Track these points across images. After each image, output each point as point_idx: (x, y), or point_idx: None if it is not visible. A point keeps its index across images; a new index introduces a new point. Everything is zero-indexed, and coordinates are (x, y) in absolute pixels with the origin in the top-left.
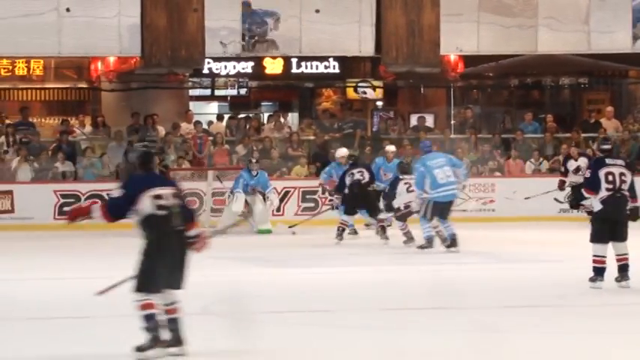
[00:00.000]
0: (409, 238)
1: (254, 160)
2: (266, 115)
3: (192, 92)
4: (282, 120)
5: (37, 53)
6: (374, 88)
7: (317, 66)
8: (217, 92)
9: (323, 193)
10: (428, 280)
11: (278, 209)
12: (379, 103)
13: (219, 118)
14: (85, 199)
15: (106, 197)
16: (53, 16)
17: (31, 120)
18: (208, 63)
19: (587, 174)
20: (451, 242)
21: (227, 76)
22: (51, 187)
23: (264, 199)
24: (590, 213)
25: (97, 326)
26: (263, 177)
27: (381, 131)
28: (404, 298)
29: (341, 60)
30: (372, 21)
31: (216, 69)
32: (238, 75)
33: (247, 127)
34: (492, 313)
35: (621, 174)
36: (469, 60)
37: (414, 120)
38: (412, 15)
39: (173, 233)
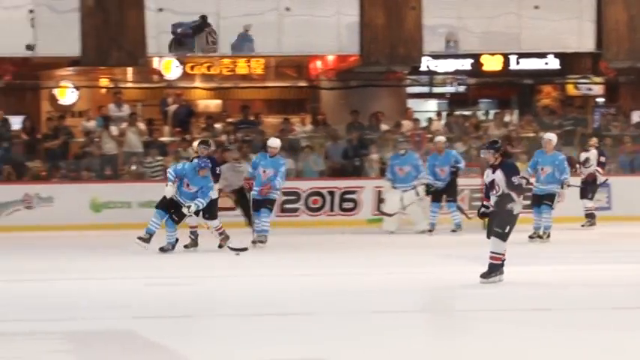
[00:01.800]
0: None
1: (401, 140)
2: (490, 112)
3: (410, 90)
4: (507, 118)
5: (258, 52)
6: (594, 84)
7: (536, 62)
8: (436, 90)
9: None
10: None
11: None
12: (600, 100)
13: (438, 115)
14: (306, 196)
15: None
16: (273, 16)
17: (252, 118)
18: (426, 60)
19: None
20: None
21: (445, 73)
22: None
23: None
24: None
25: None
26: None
27: (602, 128)
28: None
29: (561, 56)
30: (592, 17)
31: (435, 66)
32: (456, 72)
33: (466, 124)
34: None
35: None
36: None
37: (635, 117)
38: (633, 10)
39: None
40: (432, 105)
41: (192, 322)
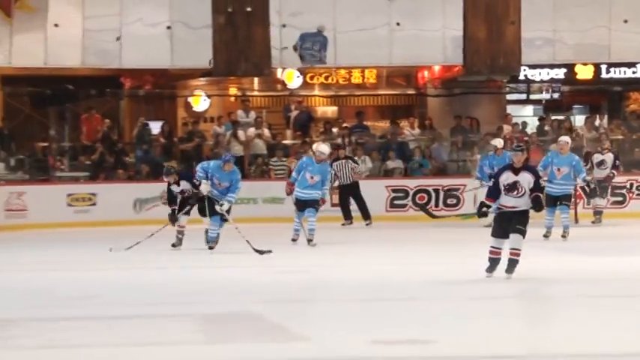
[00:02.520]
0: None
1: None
2: (579, 117)
3: (509, 97)
4: (597, 122)
5: (371, 63)
6: None
7: (625, 71)
8: (532, 96)
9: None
10: None
11: None
12: None
13: (535, 120)
14: (413, 194)
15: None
16: (385, 30)
17: (365, 123)
18: (524, 70)
19: None
20: None
21: (541, 81)
22: (383, 182)
23: None
24: None
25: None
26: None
27: None
28: None
29: None
30: None
31: (531, 75)
32: (552, 81)
33: (560, 127)
34: None
35: None
36: None
37: None
38: None
39: None
40: (528, 110)
41: (310, 306)
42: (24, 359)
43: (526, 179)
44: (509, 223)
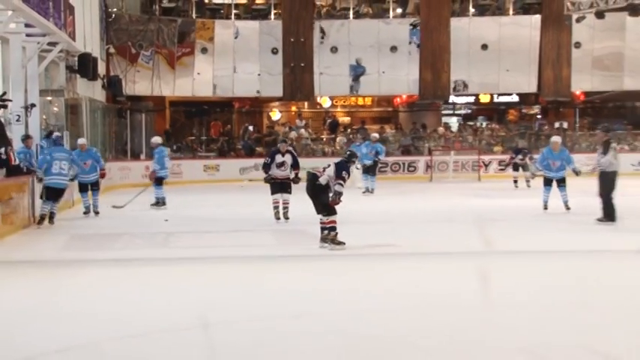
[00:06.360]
0: None
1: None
2: (483, 123)
3: (443, 112)
4: (492, 125)
5: (369, 93)
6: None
7: (507, 98)
8: (456, 112)
9: None
10: None
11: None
12: (539, 116)
13: (456, 125)
14: (390, 165)
15: None
16: (376, 75)
17: (365, 127)
18: (452, 97)
19: None
20: None
21: (461, 104)
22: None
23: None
24: None
25: None
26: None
27: (540, 131)
28: None
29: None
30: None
31: (456, 100)
32: (467, 103)
33: (472, 129)
34: None
35: None
36: None
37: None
38: None
39: None
40: (454, 120)
41: None
42: None
43: None
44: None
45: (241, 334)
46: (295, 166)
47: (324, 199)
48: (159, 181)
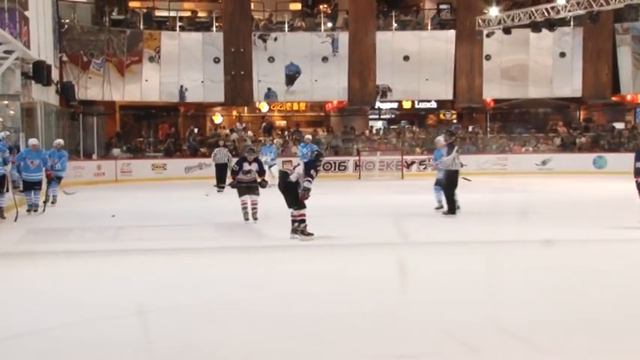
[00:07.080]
0: None
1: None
2: (406, 127)
3: (370, 116)
4: (413, 129)
5: (303, 99)
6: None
7: (427, 104)
8: (382, 116)
9: None
10: None
11: None
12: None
13: (382, 128)
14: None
15: None
16: (309, 83)
17: (300, 129)
18: (378, 103)
19: None
20: None
21: (385, 109)
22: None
23: None
24: None
25: None
26: None
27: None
28: None
29: (437, 101)
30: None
31: (381, 105)
32: (391, 109)
33: (395, 132)
34: None
35: None
36: None
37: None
38: None
39: None
40: (379, 123)
41: None
42: None
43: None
44: None
45: (180, 317)
46: (261, 172)
47: (294, 195)
48: (58, 180)
